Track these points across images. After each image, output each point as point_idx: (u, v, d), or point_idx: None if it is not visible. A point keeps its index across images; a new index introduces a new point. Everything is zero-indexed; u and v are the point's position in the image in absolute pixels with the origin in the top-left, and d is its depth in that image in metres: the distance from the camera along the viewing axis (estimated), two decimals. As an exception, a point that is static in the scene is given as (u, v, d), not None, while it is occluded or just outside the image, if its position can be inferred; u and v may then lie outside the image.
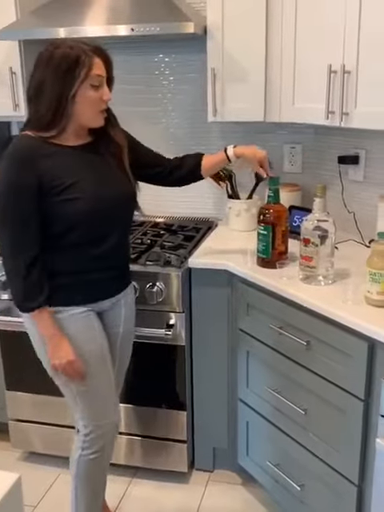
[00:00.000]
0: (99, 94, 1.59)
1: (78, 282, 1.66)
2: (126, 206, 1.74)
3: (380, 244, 1.59)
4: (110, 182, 1.67)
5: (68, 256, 1.63)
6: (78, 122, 1.60)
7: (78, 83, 1.54)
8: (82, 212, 1.58)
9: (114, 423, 1.78)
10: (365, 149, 2.19)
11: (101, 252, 1.66)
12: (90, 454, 1.76)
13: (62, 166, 1.58)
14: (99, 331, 1.72)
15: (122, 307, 1.81)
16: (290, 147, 2.45)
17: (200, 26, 2.06)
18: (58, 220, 1.58)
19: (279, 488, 2.01)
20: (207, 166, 1.91)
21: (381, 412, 1.53)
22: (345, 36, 1.79)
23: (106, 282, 1.73)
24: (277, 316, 1.85)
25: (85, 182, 1.59)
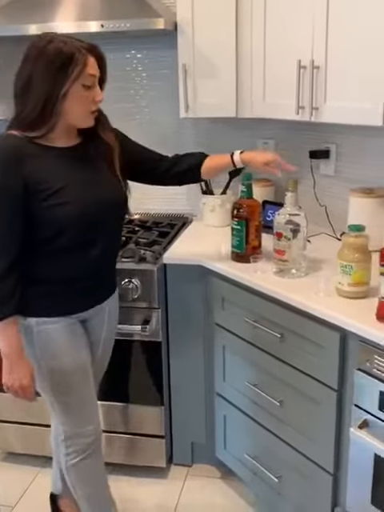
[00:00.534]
0: (91, 95, 1.52)
1: (65, 290, 1.59)
2: (116, 211, 1.66)
3: (350, 237, 1.62)
4: (99, 185, 1.60)
5: (56, 262, 1.56)
6: (66, 121, 1.53)
7: (69, 82, 1.46)
8: (70, 216, 1.51)
9: (95, 429, 1.74)
10: (335, 143, 2.22)
11: (90, 258, 1.60)
12: (75, 459, 1.73)
13: (50, 169, 1.51)
14: (84, 342, 1.68)
15: (106, 315, 1.75)
16: (263, 143, 2.47)
17: (170, 22, 2.06)
18: (46, 225, 1.51)
19: (257, 480, 2.03)
20: (209, 167, 1.81)
21: (354, 402, 1.56)
22: (313, 31, 1.81)
23: (94, 290, 1.67)
24: (251, 310, 1.86)
25: (73, 186, 1.52)
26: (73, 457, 1.73)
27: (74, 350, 1.64)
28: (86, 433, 1.71)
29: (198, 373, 2.18)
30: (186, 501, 2.17)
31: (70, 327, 1.63)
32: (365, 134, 2.10)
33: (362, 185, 2.08)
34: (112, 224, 1.67)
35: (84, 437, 1.71)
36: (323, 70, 1.81)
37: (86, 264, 1.60)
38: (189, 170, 1.81)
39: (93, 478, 1.79)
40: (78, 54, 1.45)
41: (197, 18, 2.07)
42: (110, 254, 1.71)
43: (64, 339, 1.62)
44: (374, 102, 1.67)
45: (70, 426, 1.70)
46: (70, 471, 1.76)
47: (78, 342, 1.66)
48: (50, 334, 1.59)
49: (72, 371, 1.64)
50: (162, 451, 2.23)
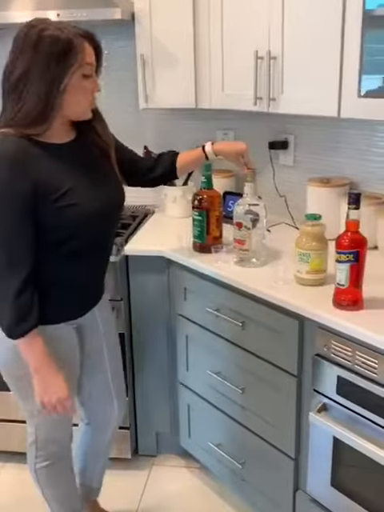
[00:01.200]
0: (91, 85, 1.42)
1: (67, 295, 1.52)
2: (118, 210, 1.61)
3: (308, 225, 1.65)
4: (103, 183, 1.52)
5: (63, 266, 1.48)
6: (65, 115, 1.43)
7: (70, 72, 1.35)
8: (81, 217, 1.42)
9: (68, 435, 1.72)
10: (294, 134, 2.26)
11: (96, 260, 1.56)
12: (43, 462, 1.70)
13: (56, 169, 1.41)
14: (77, 349, 1.62)
15: (98, 319, 1.68)
16: (223, 133, 2.49)
17: (127, 12, 2.05)
18: (56, 228, 1.41)
19: (221, 467, 2.05)
20: (183, 164, 1.79)
21: (313, 386, 1.59)
22: (270, 22, 1.83)
23: (91, 293, 1.62)
24: (213, 299, 1.88)
25: (81, 186, 1.44)
26: (41, 460, 1.70)
27: (65, 359, 1.56)
28: (59, 438, 1.70)
29: (161, 363, 2.19)
30: (151, 490, 2.18)
31: (64, 335, 1.56)
32: (322, 125, 2.14)
33: (320, 175, 2.12)
34: (113, 224, 1.62)
35: (56, 442, 1.69)
36: (280, 60, 1.83)
37: (91, 267, 1.56)
38: (165, 172, 1.79)
39: (61, 481, 1.78)
40: (76, 42, 1.35)
41: (154, 8, 2.07)
42: (107, 256, 1.65)
43: (56, 348, 1.51)
44: (329, 92, 1.70)
45: (44, 431, 1.66)
46: (38, 474, 1.73)
47: (71, 350, 1.60)
48: (51, 342, 1.49)
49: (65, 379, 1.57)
50: (127, 442, 2.24)
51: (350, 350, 1.46)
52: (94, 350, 1.72)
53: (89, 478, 1.91)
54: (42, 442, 1.68)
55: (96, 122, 1.53)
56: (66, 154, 1.46)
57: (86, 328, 1.66)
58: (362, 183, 2.06)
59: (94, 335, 1.69)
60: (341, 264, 1.47)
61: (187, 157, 1.80)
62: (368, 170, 2.04)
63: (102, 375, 1.76)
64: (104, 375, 1.76)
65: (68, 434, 1.72)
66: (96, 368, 1.74)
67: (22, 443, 2.22)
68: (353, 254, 1.45)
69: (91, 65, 1.42)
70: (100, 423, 1.85)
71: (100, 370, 1.75)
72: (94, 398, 1.79)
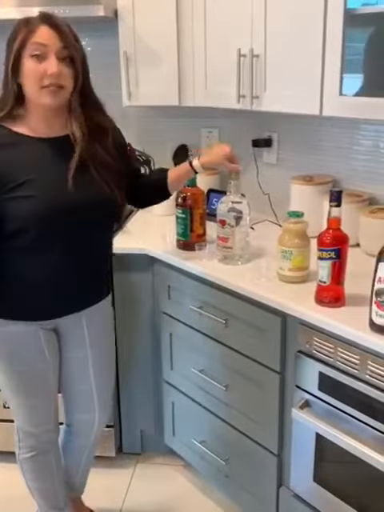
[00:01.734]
0: (43, 67, 1.38)
1: (30, 293, 1.50)
2: (94, 213, 1.50)
3: (290, 223, 1.66)
4: (79, 182, 1.45)
5: (19, 261, 1.47)
6: (31, 101, 1.44)
7: (14, 51, 1.39)
8: (34, 211, 1.40)
9: (49, 431, 1.71)
10: (277, 132, 2.26)
11: (56, 261, 1.49)
12: (27, 453, 1.71)
13: (21, 159, 1.41)
14: (48, 351, 1.59)
15: (84, 327, 1.64)
16: (208, 131, 2.49)
17: (110, 8, 2.04)
18: (8, 218, 1.40)
19: (205, 465, 2.06)
20: (174, 178, 1.74)
21: (296, 383, 1.60)
22: (252, 20, 1.83)
23: (63, 297, 1.55)
24: (197, 297, 1.88)
25: (44, 179, 1.42)
26: (24, 451, 1.72)
27: (32, 358, 1.58)
28: (38, 433, 1.69)
29: (145, 361, 2.19)
30: (135, 489, 2.18)
31: (29, 333, 1.55)
32: (305, 123, 2.15)
33: (303, 172, 2.13)
34: (88, 228, 1.51)
35: (35, 436, 1.69)
36: (262, 58, 1.83)
37: (51, 267, 1.50)
38: (158, 191, 1.77)
39: (44, 475, 1.78)
40: (24, 24, 1.39)
41: (137, 5, 2.06)
42: (88, 261, 1.57)
43: (21, 345, 1.55)
44: (312, 90, 1.71)
45: (22, 424, 1.68)
46: (22, 464, 1.75)
47: (38, 350, 1.57)
48: (7, 337, 1.53)
49: (29, 378, 1.59)
50: (111, 441, 2.23)
51: (332, 347, 1.47)
52: (76, 359, 1.68)
53: (71, 476, 1.91)
54: (21, 434, 1.70)
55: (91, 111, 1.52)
56: (45, 147, 1.45)
57: (66, 333, 1.63)
58: (344, 181, 2.07)
59: (76, 343, 1.66)
60: (322, 261, 1.48)
61: (176, 173, 1.76)
62: (350, 167, 2.06)
63: (84, 387, 1.72)
64: (86, 387, 1.72)
65: (47, 429, 1.70)
66: (77, 377, 1.71)
67: (7, 442, 2.23)
68: (334, 251, 1.46)
69: (41, 45, 1.38)
70: (78, 430, 1.83)
71: (82, 380, 1.71)
72: (74, 405, 1.77)
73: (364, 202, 1.94)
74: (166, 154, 2.48)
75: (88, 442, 1.86)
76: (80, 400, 1.76)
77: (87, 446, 1.87)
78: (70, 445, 1.86)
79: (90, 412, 1.77)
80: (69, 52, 1.42)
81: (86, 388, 1.72)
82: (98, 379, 1.73)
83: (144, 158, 2.38)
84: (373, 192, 1.99)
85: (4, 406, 2.18)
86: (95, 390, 1.73)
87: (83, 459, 1.90)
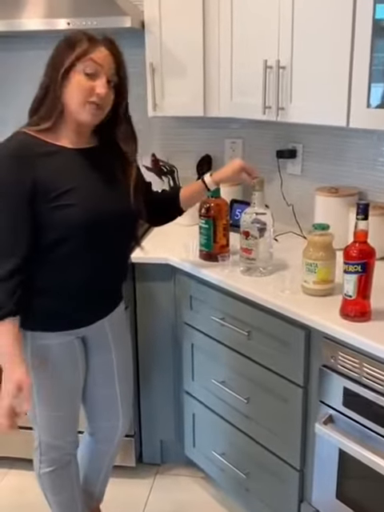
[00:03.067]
0: (92, 85, 1.41)
1: (64, 304, 1.51)
2: (123, 223, 1.55)
3: (315, 235, 1.64)
4: (108, 192, 1.50)
5: (57, 272, 1.47)
6: (69, 114, 1.44)
7: (69, 61, 1.38)
8: (75, 221, 1.42)
9: (72, 443, 1.72)
10: (302, 143, 2.25)
11: (93, 269, 1.51)
12: (47, 467, 1.71)
13: (60, 169, 1.43)
14: (80, 360, 1.62)
15: (108, 332, 1.66)
16: (231, 142, 2.49)
17: (137, 20, 2.06)
18: (49, 229, 1.42)
19: (225, 477, 2.04)
20: (187, 195, 1.77)
21: (319, 398, 1.58)
22: (279, 32, 1.83)
23: (95, 304, 1.59)
24: (219, 308, 1.87)
25: (80, 189, 1.44)
26: (45, 465, 1.71)
27: (67, 368, 1.59)
28: (62, 445, 1.69)
29: (166, 371, 2.18)
30: (154, 500, 2.17)
31: (66, 344, 1.56)
32: (330, 134, 2.13)
33: (328, 184, 2.11)
34: (119, 237, 1.56)
35: (58, 448, 1.69)
36: (289, 70, 1.83)
37: (87, 279, 1.52)
38: (170, 208, 1.78)
39: (65, 488, 1.77)
40: (85, 40, 1.40)
41: (164, 16, 2.07)
42: (118, 269, 1.62)
43: (58, 357, 1.55)
44: (339, 102, 1.69)
45: (47, 436, 1.67)
46: (43, 478, 1.74)
47: (73, 360, 1.59)
48: (44, 350, 1.53)
49: (61, 389, 1.59)
50: (131, 450, 2.23)
51: (357, 362, 1.45)
52: (102, 365, 1.69)
53: (92, 485, 1.90)
54: (44, 448, 1.68)
55: (120, 136, 1.53)
56: (78, 157, 1.48)
57: (92, 340, 1.65)
58: (370, 193, 2.05)
59: (102, 349, 1.68)
60: (348, 275, 1.46)
61: (188, 190, 1.78)
62: (376, 179, 2.04)
63: (110, 391, 1.73)
64: (112, 391, 1.73)
65: (70, 441, 1.71)
66: (103, 383, 1.72)
67: (25, 449, 2.24)
68: (361, 264, 1.44)
69: (98, 65, 1.41)
70: (103, 437, 1.83)
71: (108, 385, 1.72)
72: (99, 412, 1.78)
73: (390, 214, 1.92)
74: (190, 164, 2.48)
75: (110, 450, 1.86)
76: (104, 406, 1.76)
77: (108, 454, 1.87)
78: (91, 453, 1.86)
79: (114, 418, 1.78)
80: (118, 80, 1.47)
81: (111, 393, 1.73)
82: (122, 383, 1.75)
83: (168, 168, 2.38)
84: (399, 204, 1.96)
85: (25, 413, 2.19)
86: (119, 394, 1.75)
87: (104, 467, 1.90)
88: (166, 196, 1.81)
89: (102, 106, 1.45)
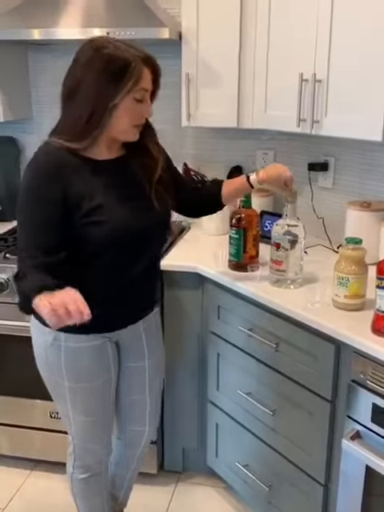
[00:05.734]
0: (141, 109, 1.42)
1: (98, 308, 1.42)
2: (156, 231, 1.58)
3: (347, 249, 1.63)
4: (139, 203, 1.50)
5: (91, 281, 1.46)
6: (110, 134, 1.44)
7: (121, 94, 1.36)
8: (106, 238, 1.43)
9: (105, 449, 1.72)
10: (334, 156, 2.25)
11: (128, 279, 1.53)
12: (82, 474, 1.72)
13: (89, 185, 1.42)
14: (113, 364, 1.62)
15: (143, 337, 1.68)
16: (263, 153, 2.49)
17: (175, 31, 2.08)
18: (82, 242, 1.43)
19: (248, 489, 2.03)
20: (228, 193, 1.75)
21: (347, 413, 1.57)
22: (316, 45, 1.83)
23: (128, 309, 1.59)
24: (247, 318, 1.87)
25: (112, 204, 1.44)
26: (79, 471, 1.73)
27: (99, 372, 1.59)
28: (95, 451, 1.71)
29: (191, 380, 2.19)
30: (175, 508, 2.17)
31: (99, 347, 1.56)
32: (363, 148, 2.12)
33: (360, 198, 2.10)
34: (152, 244, 1.59)
35: (92, 455, 1.71)
36: (325, 83, 1.83)
37: (122, 285, 1.53)
38: (211, 200, 1.77)
39: (95, 495, 1.79)
40: (135, 64, 1.35)
41: (201, 28, 2.09)
42: (150, 274, 1.63)
43: (90, 360, 1.56)
44: (374, 117, 1.69)
45: (81, 441, 1.68)
46: (75, 483, 1.76)
47: (105, 363, 1.60)
48: (77, 352, 1.53)
49: (93, 393, 1.60)
50: (153, 457, 2.23)
51: (388, 378, 1.44)
52: (135, 370, 1.70)
53: (117, 489, 1.92)
54: (78, 453, 1.70)
55: (148, 141, 1.53)
56: (106, 170, 1.47)
57: (126, 345, 1.66)
58: (402, 208, 2.04)
59: (135, 354, 1.69)
60: (381, 290, 1.45)
61: (230, 185, 1.77)
62: (409, 195, 2.03)
63: (140, 397, 1.74)
64: (142, 397, 1.74)
65: (104, 446, 1.71)
66: (134, 388, 1.73)
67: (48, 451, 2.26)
68: (394, 280, 1.44)
69: (146, 90, 1.41)
70: (129, 442, 1.85)
71: (139, 391, 1.73)
72: (128, 417, 1.78)
73: None
74: (220, 175, 2.49)
75: (136, 454, 1.87)
76: (134, 411, 1.77)
77: (135, 458, 1.88)
78: (119, 457, 1.88)
79: (141, 425, 1.79)
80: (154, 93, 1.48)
81: (141, 399, 1.74)
82: (153, 391, 1.76)
83: (199, 178, 2.40)
84: None
85: (51, 415, 2.21)
86: (149, 401, 1.75)
87: (130, 471, 1.91)
88: (208, 192, 1.78)
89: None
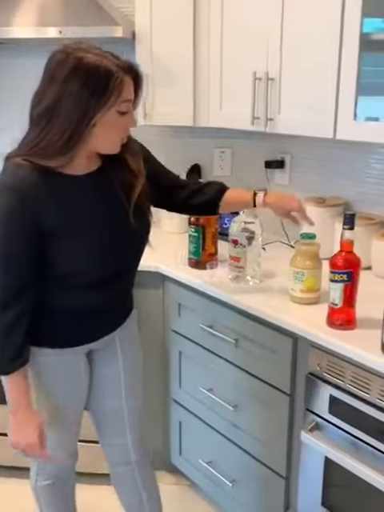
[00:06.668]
0: (124, 122, 1.32)
1: (71, 321, 1.46)
2: (139, 242, 1.52)
3: (302, 244, 1.66)
4: (119, 218, 1.42)
5: (66, 296, 1.42)
6: (90, 148, 1.34)
7: (104, 108, 1.26)
8: (87, 257, 1.37)
9: (70, 457, 1.67)
10: (290, 153, 2.28)
11: (105, 294, 1.48)
12: (45, 480, 1.68)
13: (67, 205, 1.34)
14: (84, 377, 1.57)
15: (117, 345, 1.61)
16: (220, 151, 2.51)
17: (129, 30, 2.08)
18: (59, 264, 1.37)
19: (212, 485, 2.04)
20: (228, 203, 1.67)
21: (306, 405, 1.59)
22: (268, 44, 1.86)
23: (103, 321, 1.53)
24: (207, 316, 1.89)
25: (90, 224, 1.37)
26: (43, 478, 1.69)
27: (70, 387, 1.54)
28: (60, 458, 1.65)
29: (154, 379, 2.18)
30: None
31: (71, 362, 1.52)
32: (318, 145, 2.16)
33: (315, 194, 2.14)
34: (133, 257, 1.54)
35: (55, 464, 1.66)
36: (278, 81, 1.86)
37: (99, 299, 1.48)
38: (208, 203, 1.67)
39: (60, 501, 1.76)
40: (117, 75, 1.25)
41: (155, 27, 2.10)
42: (126, 286, 1.58)
43: (62, 375, 1.51)
44: (326, 114, 1.72)
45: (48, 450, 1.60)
46: (39, 490, 1.72)
47: (76, 378, 1.55)
48: (49, 367, 1.48)
49: (62, 407, 1.54)
50: (117, 458, 2.22)
51: (343, 370, 1.47)
52: (108, 376, 1.64)
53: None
54: (43, 462, 1.65)
55: (126, 152, 1.42)
56: (83, 186, 1.38)
57: (99, 352, 1.60)
58: (356, 204, 2.08)
59: (109, 359, 1.62)
60: (334, 283, 1.48)
61: (236, 197, 1.68)
62: (363, 190, 2.07)
63: (116, 404, 1.66)
64: (118, 404, 1.66)
65: (69, 454, 1.67)
66: (109, 395, 1.65)
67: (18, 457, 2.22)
68: (346, 273, 1.47)
69: (129, 101, 1.32)
70: (117, 458, 1.74)
71: (114, 398, 1.65)
72: (107, 426, 1.70)
73: (376, 225, 1.94)
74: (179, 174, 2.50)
75: (133, 474, 1.75)
76: (111, 419, 1.69)
77: (135, 479, 1.76)
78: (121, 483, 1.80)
79: (122, 434, 1.69)
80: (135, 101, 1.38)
81: (117, 405, 1.66)
82: (130, 397, 1.66)
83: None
84: (385, 215, 1.99)
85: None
86: (126, 408, 1.66)
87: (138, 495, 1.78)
88: (209, 198, 1.67)
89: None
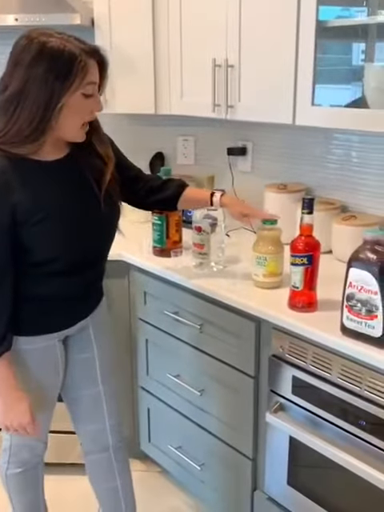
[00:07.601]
0: (89, 105, 1.32)
1: (46, 309, 1.47)
2: (107, 232, 1.54)
3: (264, 230, 1.69)
4: (89, 204, 1.43)
5: (42, 283, 1.44)
6: (57, 134, 1.33)
7: (70, 91, 1.26)
8: (59, 242, 1.38)
9: (42, 444, 1.68)
10: (252, 141, 2.30)
11: (80, 280, 1.49)
12: (16, 468, 1.68)
13: (36, 192, 1.34)
14: (61, 362, 1.57)
15: (90, 330, 1.63)
16: (183, 139, 2.52)
17: (87, 17, 2.07)
18: (34, 251, 1.37)
19: (181, 470, 2.07)
20: (187, 199, 1.72)
21: (270, 387, 1.63)
22: (227, 31, 1.87)
23: (77, 307, 1.56)
24: (172, 302, 1.90)
25: (61, 209, 1.37)
26: (14, 466, 1.69)
27: (47, 372, 1.55)
28: (33, 445, 1.67)
29: (121, 367, 2.18)
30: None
31: (48, 347, 1.52)
32: (279, 132, 2.19)
33: (277, 180, 2.16)
34: (103, 242, 1.55)
35: (29, 450, 1.67)
36: (237, 68, 1.87)
37: (73, 286, 1.49)
38: (168, 199, 1.71)
39: (30, 489, 1.76)
40: (81, 58, 1.25)
41: (114, 14, 2.08)
42: (98, 272, 1.59)
43: (39, 361, 1.51)
44: (285, 100, 1.75)
45: (20, 438, 1.62)
46: (9, 479, 1.71)
47: (55, 364, 1.56)
48: (23, 355, 1.48)
49: (34, 393, 1.52)
50: (86, 447, 2.22)
51: (305, 351, 1.50)
52: (84, 363, 1.64)
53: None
54: (15, 448, 1.66)
55: (95, 139, 1.44)
56: (54, 172, 1.39)
57: (73, 339, 1.61)
58: (317, 189, 2.12)
59: (83, 347, 1.63)
60: (295, 267, 1.51)
61: (194, 195, 1.74)
62: (324, 176, 2.11)
63: (93, 391, 1.67)
64: (95, 391, 1.67)
65: (42, 441, 1.68)
66: (85, 383, 1.66)
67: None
68: (307, 257, 1.50)
69: (94, 83, 1.32)
70: (93, 445, 1.74)
71: (90, 385, 1.66)
72: (83, 414, 1.71)
73: (336, 209, 1.98)
74: (142, 162, 2.49)
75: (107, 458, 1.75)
76: (88, 407, 1.69)
77: (111, 464, 1.76)
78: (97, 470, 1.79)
79: (100, 420, 1.70)
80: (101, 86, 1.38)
81: (94, 392, 1.67)
82: (106, 383, 1.68)
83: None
84: (344, 200, 2.03)
85: None
86: (103, 394, 1.68)
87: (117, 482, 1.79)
88: (169, 195, 1.71)
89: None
